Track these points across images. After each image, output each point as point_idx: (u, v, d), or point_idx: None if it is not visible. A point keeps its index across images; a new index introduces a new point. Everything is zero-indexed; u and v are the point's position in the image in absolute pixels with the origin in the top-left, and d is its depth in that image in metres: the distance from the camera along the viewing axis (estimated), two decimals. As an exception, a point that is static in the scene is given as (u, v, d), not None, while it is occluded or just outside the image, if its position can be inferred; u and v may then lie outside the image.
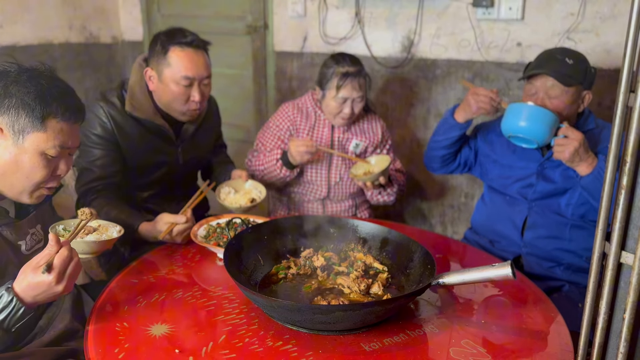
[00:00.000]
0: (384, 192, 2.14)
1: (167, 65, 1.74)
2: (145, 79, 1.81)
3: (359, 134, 2.18)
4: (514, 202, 1.88)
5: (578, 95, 1.74)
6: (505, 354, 1.09)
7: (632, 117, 0.80)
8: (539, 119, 1.67)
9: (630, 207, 0.84)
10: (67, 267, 1.08)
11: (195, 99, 1.77)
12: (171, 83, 1.75)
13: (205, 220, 1.63)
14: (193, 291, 1.31)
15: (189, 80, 1.74)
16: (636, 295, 0.82)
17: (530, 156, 1.85)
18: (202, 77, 1.78)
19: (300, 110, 2.18)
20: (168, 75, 1.74)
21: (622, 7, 2.08)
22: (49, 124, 1.19)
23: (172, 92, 1.76)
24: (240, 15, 3.11)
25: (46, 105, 1.18)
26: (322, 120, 2.15)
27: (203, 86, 1.80)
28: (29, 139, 1.18)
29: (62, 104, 1.20)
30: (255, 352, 1.06)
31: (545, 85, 1.73)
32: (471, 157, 2.05)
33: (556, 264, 1.81)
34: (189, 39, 1.75)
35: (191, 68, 1.74)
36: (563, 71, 1.70)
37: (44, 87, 1.18)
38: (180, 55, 1.73)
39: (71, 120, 1.23)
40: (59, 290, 1.08)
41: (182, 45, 1.74)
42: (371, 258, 1.39)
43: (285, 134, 2.16)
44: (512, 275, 1.11)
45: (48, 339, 1.25)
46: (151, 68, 1.79)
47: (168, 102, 1.79)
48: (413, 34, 2.54)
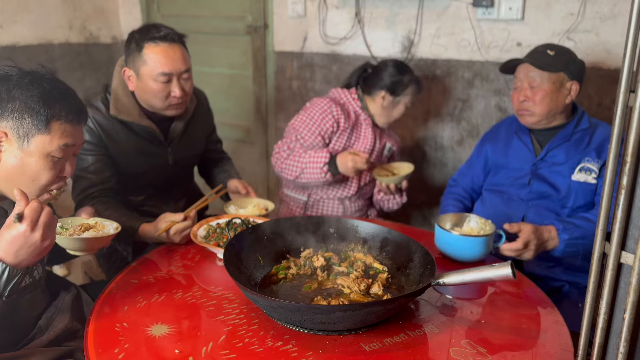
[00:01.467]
0: (393, 200, 2.22)
1: (143, 63, 1.70)
2: (125, 80, 1.78)
3: (387, 138, 2.29)
4: (511, 202, 1.89)
5: (560, 84, 1.76)
6: (505, 354, 1.09)
7: (632, 117, 0.80)
8: (467, 248, 1.50)
9: (630, 207, 0.84)
10: (39, 216, 1.07)
11: (175, 94, 1.73)
12: (149, 81, 1.70)
13: (205, 221, 1.63)
14: (193, 291, 1.31)
15: (166, 76, 1.70)
16: (636, 295, 0.82)
17: (523, 157, 1.87)
18: (180, 72, 1.73)
19: (343, 109, 2.18)
20: (145, 72, 1.70)
21: (622, 7, 2.08)
22: (53, 126, 1.19)
23: (152, 90, 1.72)
24: (240, 15, 3.11)
25: (50, 107, 1.18)
26: (363, 121, 2.20)
27: (183, 81, 1.75)
28: (33, 142, 1.18)
29: (65, 106, 1.21)
30: (255, 352, 1.06)
31: (527, 76, 1.78)
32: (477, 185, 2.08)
33: (556, 264, 1.81)
34: (162, 33, 1.70)
35: (167, 63, 1.69)
36: (541, 59, 1.75)
37: (47, 90, 1.19)
38: (155, 51, 1.69)
39: (74, 122, 1.24)
40: (36, 238, 1.06)
41: (156, 41, 1.69)
42: (371, 258, 1.39)
43: (327, 132, 2.15)
44: (512, 275, 1.11)
45: (47, 339, 1.25)
46: (129, 68, 1.75)
47: (149, 99, 1.75)
48: (413, 34, 2.54)
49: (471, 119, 2.53)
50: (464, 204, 2.05)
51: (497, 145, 1.97)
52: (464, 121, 2.55)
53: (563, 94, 1.77)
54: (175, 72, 1.71)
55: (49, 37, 3.17)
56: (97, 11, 3.45)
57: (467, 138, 2.57)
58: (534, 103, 1.77)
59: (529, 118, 1.82)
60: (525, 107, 1.80)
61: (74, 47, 3.32)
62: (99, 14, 3.46)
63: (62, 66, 3.24)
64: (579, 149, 1.79)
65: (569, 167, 1.79)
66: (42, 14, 3.10)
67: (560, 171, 1.79)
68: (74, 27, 3.31)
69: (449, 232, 1.51)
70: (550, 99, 1.75)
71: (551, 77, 1.74)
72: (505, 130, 1.99)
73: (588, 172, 1.76)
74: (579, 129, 1.81)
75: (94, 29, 3.45)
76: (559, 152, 1.81)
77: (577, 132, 1.81)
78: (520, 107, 1.82)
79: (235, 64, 3.23)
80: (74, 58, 3.33)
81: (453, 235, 1.50)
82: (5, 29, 2.92)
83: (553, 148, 1.82)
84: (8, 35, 2.94)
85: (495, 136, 2.01)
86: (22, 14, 3.00)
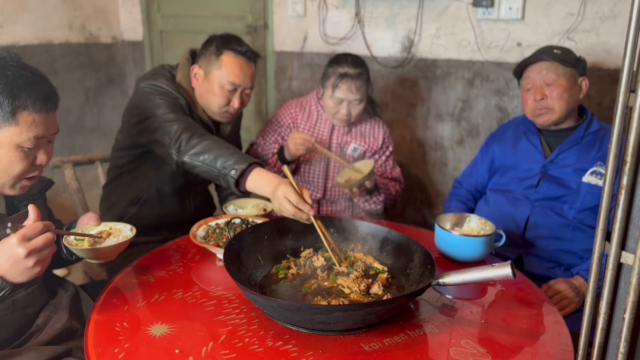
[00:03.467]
0: (370, 200, 2.11)
1: (217, 67, 1.80)
2: (190, 76, 1.87)
3: (358, 137, 2.17)
4: (517, 202, 1.88)
5: (575, 81, 1.76)
6: (505, 354, 1.09)
7: (632, 117, 0.80)
8: (467, 248, 1.50)
9: (630, 207, 0.84)
10: (39, 245, 1.05)
11: (234, 105, 1.84)
12: (216, 85, 1.81)
13: (204, 221, 1.62)
14: (193, 291, 1.31)
15: (234, 86, 1.81)
16: (636, 295, 0.82)
17: (532, 158, 1.86)
18: (246, 87, 1.85)
19: (303, 108, 2.19)
20: (216, 76, 1.80)
21: (622, 7, 2.08)
22: (20, 117, 1.14)
23: (215, 94, 1.82)
24: (240, 15, 3.11)
25: (15, 98, 1.12)
26: (324, 120, 2.15)
27: (244, 95, 1.87)
28: (1, 134, 1.14)
29: (32, 95, 1.15)
30: (255, 352, 1.06)
31: (541, 74, 1.76)
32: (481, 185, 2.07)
33: (557, 264, 1.81)
34: (244, 48, 1.83)
35: (239, 75, 1.81)
36: (555, 55, 1.75)
37: (10, 79, 1.13)
38: (232, 61, 1.80)
39: (43, 110, 1.18)
40: (29, 265, 1.05)
41: (237, 53, 1.82)
42: (371, 258, 1.39)
43: (285, 131, 2.17)
44: (512, 275, 1.11)
45: (45, 339, 1.25)
46: (199, 66, 1.85)
47: (208, 100, 1.84)
48: (413, 34, 2.54)
49: (471, 119, 2.53)
50: (468, 205, 2.05)
51: (505, 146, 1.96)
52: (464, 121, 2.55)
53: (577, 90, 1.77)
54: (242, 86, 1.83)
55: (49, 37, 3.17)
56: (97, 11, 3.45)
57: (467, 138, 2.57)
58: (553, 100, 1.76)
59: (548, 117, 1.79)
60: (543, 106, 1.78)
61: (74, 47, 3.32)
62: (99, 14, 3.47)
63: (62, 66, 3.25)
64: (590, 153, 1.79)
65: (579, 169, 1.78)
66: (42, 14, 3.10)
67: (571, 173, 1.78)
68: (74, 27, 3.31)
69: (449, 232, 1.51)
70: (569, 94, 1.75)
71: (566, 73, 1.74)
72: (513, 131, 1.97)
73: (598, 176, 1.75)
74: (589, 132, 1.81)
75: (94, 29, 3.45)
76: (569, 155, 1.81)
77: (587, 135, 1.81)
78: (537, 107, 1.79)
79: (235, 64, 3.23)
80: (74, 58, 3.34)
81: (453, 235, 1.50)
82: (5, 29, 2.92)
83: (564, 150, 1.81)
84: (8, 35, 2.95)
85: (503, 137, 2.00)
86: (22, 14, 3.00)
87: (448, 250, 1.52)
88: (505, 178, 1.94)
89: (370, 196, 2.09)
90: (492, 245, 1.54)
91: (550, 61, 1.76)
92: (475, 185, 2.07)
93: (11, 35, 2.96)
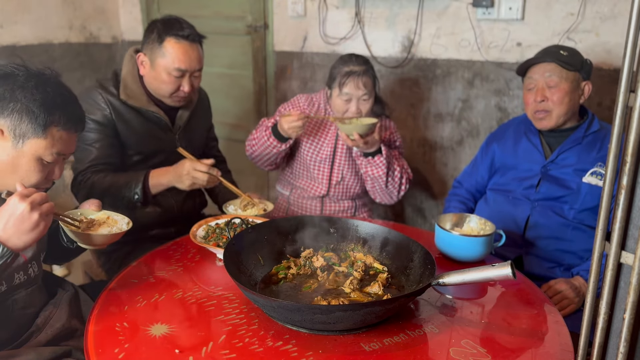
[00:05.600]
0: (372, 161, 2.04)
1: (161, 55, 1.78)
2: (137, 66, 1.85)
3: None
4: (517, 201, 1.88)
5: (577, 85, 1.75)
6: (505, 354, 1.09)
7: (632, 117, 0.80)
8: (467, 248, 1.50)
9: (630, 207, 0.84)
10: (41, 200, 1.09)
11: (184, 89, 1.82)
12: (163, 72, 1.79)
13: (204, 221, 1.63)
14: (193, 291, 1.31)
15: (181, 72, 1.79)
16: (636, 295, 0.82)
17: (533, 158, 1.86)
18: (194, 70, 1.82)
19: (312, 103, 2.19)
20: (161, 64, 1.78)
21: (622, 7, 2.08)
22: (50, 132, 1.20)
23: (163, 80, 1.80)
24: (240, 15, 3.11)
25: (50, 114, 1.19)
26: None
27: (193, 78, 1.85)
28: (28, 143, 1.19)
29: (64, 114, 1.22)
30: (255, 352, 1.06)
31: (544, 76, 1.75)
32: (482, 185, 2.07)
33: (557, 264, 1.81)
34: (186, 32, 1.79)
35: (185, 61, 1.78)
36: (560, 58, 1.73)
37: (50, 96, 1.20)
38: (175, 47, 1.77)
39: (71, 130, 1.26)
40: (34, 218, 1.06)
41: (179, 38, 1.78)
42: (371, 258, 1.39)
43: None
44: (512, 275, 1.11)
45: (45, 339, 1.25)
46: (144, 54, 1.83)
47: (158, 87, 1.83)
48: (413, 34, 2.54)
49: (471, 119, 2.53)
50: (467, 205, 2.05)
51: (506, 146, 1.96)
52: (464, 121, 2.55)
53: (578, 94, 1.76)
54: (189, 70, 1.81)
55: (49, 37, 3.17)
56: (97, 11, 3.45)
57: (467, 138, 2.57)
58: (553, 103, 1.75)
59: (547, 122, 1.79)
60: (543, 108, 1.77)
61: (74, 47, 3.32)
62: (99, 14, 3.46)
63: (62, 66, 3.24)
64: (590, 153, 1.78)
65: (580, 170, 1.78)
66: (42, 14, 3.10)
67: (571, 173, 1.78)
68: (74, 27, 3.31)
69: (449, 232, 1.51)
70: (569, 99, 1.74)
71: (569, 77, 1.73)
72: (513, 130, 1.97)
73: (599, 177, 1.75)
74: (590, 132, 1.81)
75: (94, 29, 3.45)
76: (570, 155, 1.80)
77: (588, 135, 1.81)
78: (537, 108, 1.79)
79: (235, 63, 3.23)
80: (74, 58, 3.33)
81: (453, 235, 1.50)
82: (5, 29, 2.92)
83: (565, 151, 1.81)
84: (8, 35, 2.94)
85: (503, 136, 1.99)
86: (22, 14, 2.99)
87: (448, 250, 1.52)
88: (506, 178, 1.94)
89: (372, 157, 2.03)
90: (492, 245, 1.54)
91: (554, 63, 1.75)
92: (475, 185, 2.07)
93: (11, 35, 2.96)
